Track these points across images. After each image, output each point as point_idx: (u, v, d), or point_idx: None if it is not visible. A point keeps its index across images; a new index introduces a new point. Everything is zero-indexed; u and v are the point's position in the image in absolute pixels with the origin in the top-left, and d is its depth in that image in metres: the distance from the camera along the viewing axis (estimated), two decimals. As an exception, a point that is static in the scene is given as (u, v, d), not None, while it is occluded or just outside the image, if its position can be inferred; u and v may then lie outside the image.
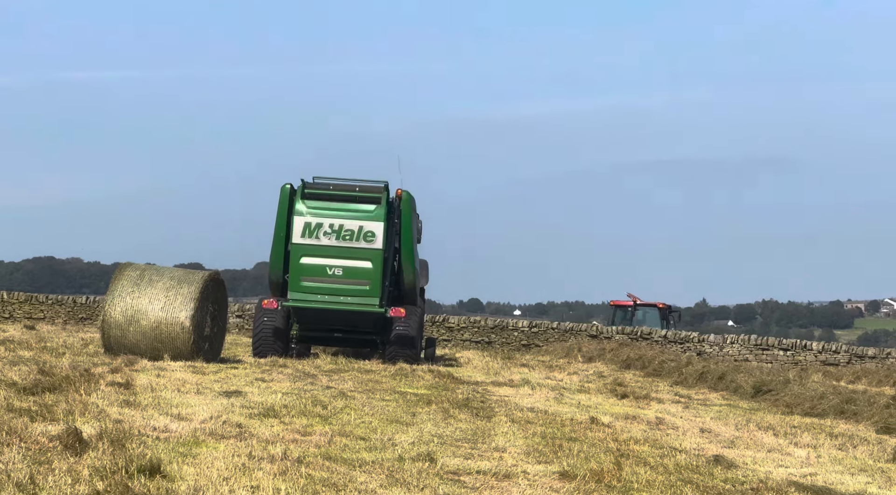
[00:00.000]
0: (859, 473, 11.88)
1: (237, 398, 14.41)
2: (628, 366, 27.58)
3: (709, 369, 23.97)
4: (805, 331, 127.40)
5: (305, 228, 23.19)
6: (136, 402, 13.14)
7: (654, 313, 41.19)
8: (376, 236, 23.16)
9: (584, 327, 37.72)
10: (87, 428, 10.61)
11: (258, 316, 23.54)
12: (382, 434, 12.09)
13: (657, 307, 41.53)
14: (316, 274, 23.18)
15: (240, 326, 35.97)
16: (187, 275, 21.07)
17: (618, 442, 12.74)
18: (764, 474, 11.21)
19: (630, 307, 41.43)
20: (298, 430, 11.85)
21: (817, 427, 16.09)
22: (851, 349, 36.04)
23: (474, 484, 9.62)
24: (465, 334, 36.40)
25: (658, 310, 41.33)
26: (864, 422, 16.96)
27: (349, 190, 23.58)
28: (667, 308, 41.72)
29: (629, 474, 10.39)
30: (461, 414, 14.47)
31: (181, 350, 20.11)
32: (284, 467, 9.43)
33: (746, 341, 35.99)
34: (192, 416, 12.25)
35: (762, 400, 20.15)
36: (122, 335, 20.37)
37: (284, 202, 23.59)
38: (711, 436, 14.17)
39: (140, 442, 10.18)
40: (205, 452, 10.06)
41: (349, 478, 9.31)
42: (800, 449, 13.50)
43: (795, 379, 21.70)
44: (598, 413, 15.83)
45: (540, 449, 11.80)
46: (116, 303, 20.47)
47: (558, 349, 33.37)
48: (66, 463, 8.92)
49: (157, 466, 8.87)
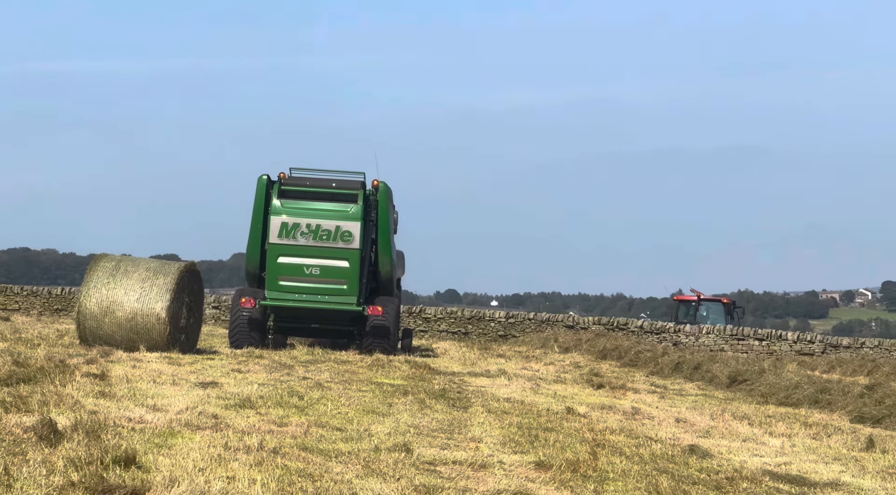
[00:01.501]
0: (833, 462, 11.94)
1: (213, 389, 14.39)
2: (604, 356, 27.65)
3: (684, 359, 24.05)
4: (780, 322, 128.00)
5: (282, 228, 23.24)
6: (111, 393, 13.10)
7: (717, 308, 40.59)
8: (353, 236, 23.26)
9: (561, 318, 37.77)
10: (62, 419, 10.57)
11: (235, 308, 23.56)
12: (359, 424, 12.09)
13: (721, 302, 40.92)
14: (293, 273, 23.28)
15: (216, 317, 35.89)
16: (163, 266, 21.01)
17: (594, 432, 12.77)
18: (739, 463, 11.26)
19: (693, 302, 40.81)
20: (274, 421, 11.83)
21: (792, 416, 16.17)
22: (826, 339, 36.23)
23: (450, 474, 9.62)
24: (441, 325, 36.41)
25: (722, 305, 40.74)
26: (838, 412, 17.05)
27: (326, 186, 23.55)
28: (731, 303, 41.13)
29: (605, 464, 10.42)
30: (438, 405, 14.48)
31: (157, 341, 20.06)
32: (260, 458, 9.42)
33: (722, 331, 36.10)
34: (167, 407, 12.23)
35: (737, 390, 20.24)
36: (97, 326, 20.31)
37: (261, 194, 23.62)
38: (687, 426, 14.22)
39: (115, 433, 10.15)
40: (180, 443, 10.04)
41: (325, 469, 9.30)
42: (774, 438, 13.56)
43: (770, 369, 21.80)
44: (574, 403, 15.87)
45: (516, 440, 11.82)
46: (92, 294, 20.39)
47: (535, 339, 33.43)
48: (40, 455, 8.89)
49: (133, 457, 8.84)
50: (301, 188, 23.55)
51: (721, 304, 40.78)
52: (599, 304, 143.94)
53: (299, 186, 23.58)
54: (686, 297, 41.72)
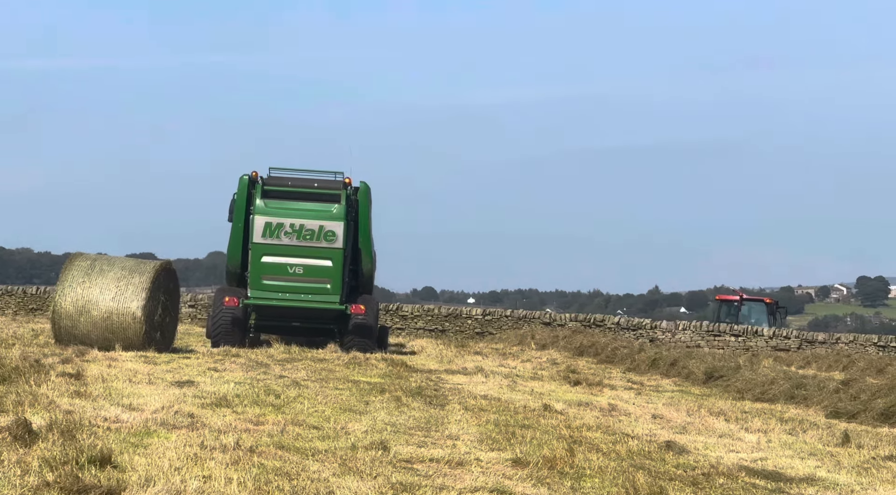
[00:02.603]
0: (809, 457, 11.98)
1: (189, 388, 14.35)
2: (581, 353, 27.69)
3: (661, 356, 24.11)
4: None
5: (266, 228, 23.40)
6: (86, 393, 13.05)
7: (760, 308, 40.41)
8: (337, 236, 23.45)
9: (538, 315, 37.81)
10: (37, 419, 10.52)
11: (218, 307, 23.53)
12: (335, 423, 12.07)
13: (764, 302, 40.73)
14: (277, 272, 23.43)
15: (192, 316, 35.80)
16: (139, 264, 20.94)
17: (570, 428, 12.79)
18: (715, 459, 11.29)
19: (735, 302, 40.68)
20: (251, 420, 11.81)
21: (768, 412, 16.23)
22: (802, 334, 36.35)
23: (427, 471, 9.62)
24: (418, 322, 36.40)
25: (765, 305, 40.58)
26: (813, 407, 17.12)
27: (308, 186, 23.75)
28: (774, 303, 40.93)
29: (582, 460, 10.43)
30: (414, 403, 14.48)
31: (133, 340, 19.99)
32: (237, 456, 9.40)
33: (698, 328, 36.21)
34: (143, 406, 12.19)
35: (714, 386, 20.30)
36: (72, 325, 20.23)
37: (243, 194, 23.78)
38: (663, 422, 14.26)
39: (91, 432, 10.11)
40: (156, 442, 10.01)
41: (302, 467, 9.29)
42: (750, 433, 13.60)
43: (746, 364, 21.88)
44: (550, 400, 15.89)
45: (493, 437, 11.82)
46: (67, 293, 20.31)
47: (512, 336, 33.46)
48: (15, 455, 8.85)
49: (108, 457, 8.81)
50: (284, 188, 23.71)
51: (764, 304, 40.66)
52: (576, 301, 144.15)
53: (282, 186, 23.73)
54: (728, 297, 41.69)
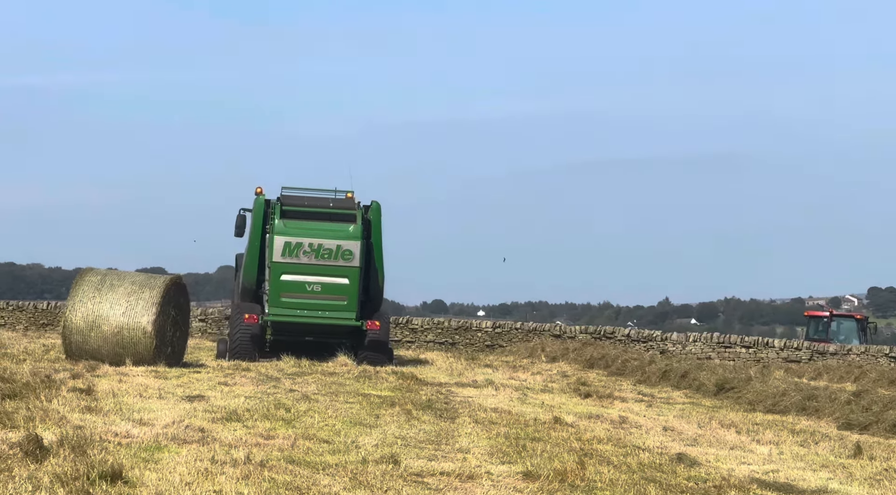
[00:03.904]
0: (821, 469, 11.95)
1: (200, 402, 14.35)
2: (592, 365, 27.65)
3: (672, 367, 24.06)
4: (767, 329, 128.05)
5: (286, 248, 24.13)
6: (97, 408, 13.06)
7: (850, 324, 40.16)
8: (354, 255, 24.19)
9: (548, 327, 37.75)
10: (48, 434, 10.54)
11: (237, 323, 24.11)
12: (346, 436, 12.07)
13: (854, 318, 40.54)
14: (295, 290, 24.15)
15: (202, 330, 35.82)
16: (149, 279, 20.97)
17: (581, 441, 12.77)
18: (726, 471, 11.27)
19: (825, 318, 40.45)
20: (261, 434, 11.81)
21: (779, 424, 16.19)
22: (813, 346, 36.26)
23: (438, 485, 9.61)
24: (428, 335, 36.39)
25: (855, 321, 40.32)
26: (825, 419, 17.07)
27: (324, 205, 24.68)
28: (864, 319, 40.76)
29: (592, 473, 10.41)
30: (425, 416, 14.46)
31: (143, 355, 20.01)
32: (247, 471, 9.40)
33: (709, 339, 36.13)
34: (154, 421, 12.19)
35: (725, 398, 20.25)
36: (83, 340, 20.25)
37: (259, 214, 24.67)
38: (674, 435, 14.23)
39: (101, 447, 10.12)
40: (167, 457, 10.01)
41: (312, 481, 9.28)
42: (762, 445, 13.57)
43: (757, 376, 21.82)
44: (561, 412, 15.86)
45: (503, 450, 11.81)
46: (77, 308, 20.34)
47: (522, 349, 33.42)
48: (26, 471, 8.86)
49: (119, 472, 8.82)
50: (301, 208, 24.55)
51: (854, 320, 40.38)
52: (586, 313, 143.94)
53: (299, 206, 24.57)
54: (818, 313, 41.49)
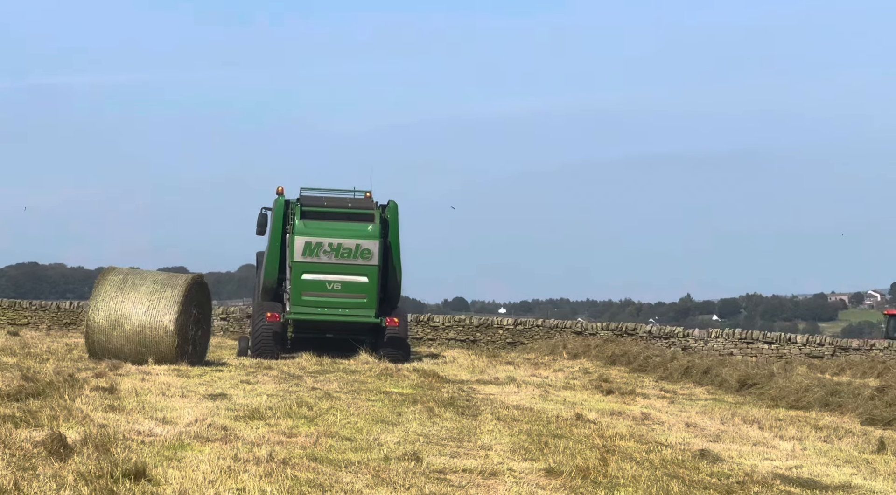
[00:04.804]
0: (844, 465, 11.91)
1: (222, 401, 14.39)
2: (613, 362, 27.60)
3: (694, 364, 24.00)
4: (789, 325, 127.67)
5: (306, 248, 24.60)
6: (120, 407, 13.11)
7: None
8: (372, 254, 24.67)
9: (569, 324, 37.68)
10: (72, 433, 10.58)
11: (259, 321, 24.51)
12: (368, 434, 12.08)
13: None
14: (316, 289, 24.59)
15: (224, 329, 35.90)
16: (171, 278, 21.03)
17: (603, 438, 12.76)
18: (749, 467, 11.24)
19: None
20: (284, 432, 11.83)
21: (802, 419, 16.13)
22: (835, 341, 36.14)
23: (460, 482, 9.62)
24: (450, 333, 36.39)
25: None
26: (848, 414, 17.01)
27: (342, 205, 25.19)
28: None
29: (615, 470, 10.40)
30: (447, 413, 14.47)
31: (165, 354, 20.07)
32: (270, 469, 9.42)
33: (731, 335, 36.04)
34: (177, 420, 12.23)
35: (747, 394, 20.19)
36: (106, 340, 20.32)
37: (280, 214, 25.17)
38: (697, 431, 14.20)
39: (125, 446, 10.16)
40: (190, 455, 10.04)
41: (335, 479, 9.30)
42: (785, 441, 13.53)
43: (780, 372, 21.74)
44: (583, 409, 15.85)
45: (526, 447, 11.80)
46: (100, 307, 20.41)
47: (543, 346, 33.39)
48: (50, 469, 8.90)
49: (143, 470, 8.85)
50: (321, 208, 25.05)
51: None
52: (608, 310, 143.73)
53: (318, 207, 25.06)
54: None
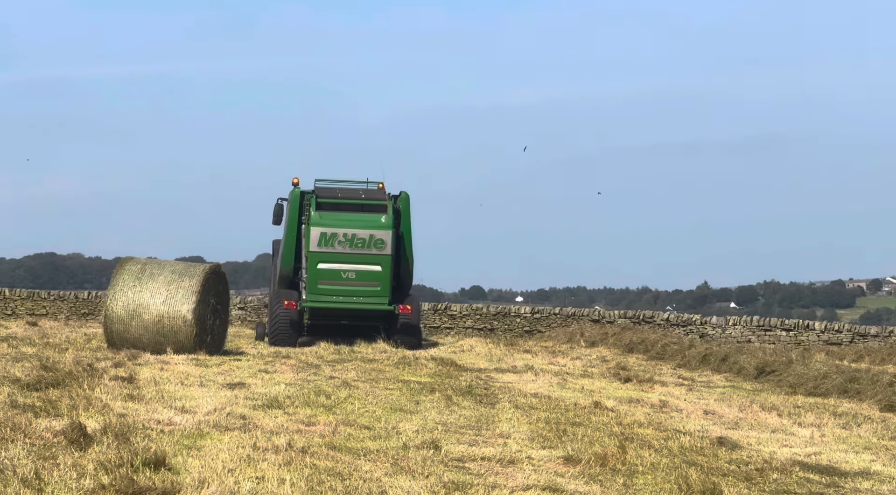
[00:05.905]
0: (863, 451, 11.89)
1: (241, 390, 14.43)
2: (631, 349, 27.58)
3: (712, 351, 23.96)
4: (807, 311, 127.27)
5: (322, 238, 25.39)
6: (139, 396, 13.16)
7: None
8: (386, 243, 25.42)
9: (587, 312, 37.66)
10: (92, 422, 10.63)
11: (276, 309, 25.28)
12: (386, 422, 12.10)
13: None
14: (331, 277, 25.41)
15: (242, 318, 35.98)
16: (188, 268, 21.07)
17: (622, 425, 12.75)
18: (768, 454, 11.22)
19: None
20: (302, 421, 11.86)
21: (821, 406, 16.10)
22: (854, 328, 36.03)
23: (479, 470, 9.63)
24: (467, 321, 36.41)
25: None
26: (867, 401, 16.96)
27: (356, 197, 26.08)
28: None
29: (633, 457, 10.40)
30: (465, 402, 14.48)
31: (184, 343, 20.12)
32: (289, 457, 9.45)
33: (749, 322, 35.98)
34: (196, 409, 12.27)
35: (765, 381, 20.16)
36: (124, 329, 20.39)
37: (295, 205, 26.07)
38: (715, 418, 14.18)
39: (144, 435, 10.20)
40: (209, 444, 10.07)
41: (354, 467, 9.32)
42: (804, 428, 13.51)
43: (798, 359, 21.69)
44: (601, 397, 15.84)
45: (544, 435, 11.81)
46: (118, 297, 20.48)
47: (561, 334, 33.37)
48: (70, 458, 8.94)
49: (162, 459, 8.89)
50: (335, 200, 25.90)
51: None
52: (625, 298, 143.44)
53: (333, 198, 25.89)
54: None
